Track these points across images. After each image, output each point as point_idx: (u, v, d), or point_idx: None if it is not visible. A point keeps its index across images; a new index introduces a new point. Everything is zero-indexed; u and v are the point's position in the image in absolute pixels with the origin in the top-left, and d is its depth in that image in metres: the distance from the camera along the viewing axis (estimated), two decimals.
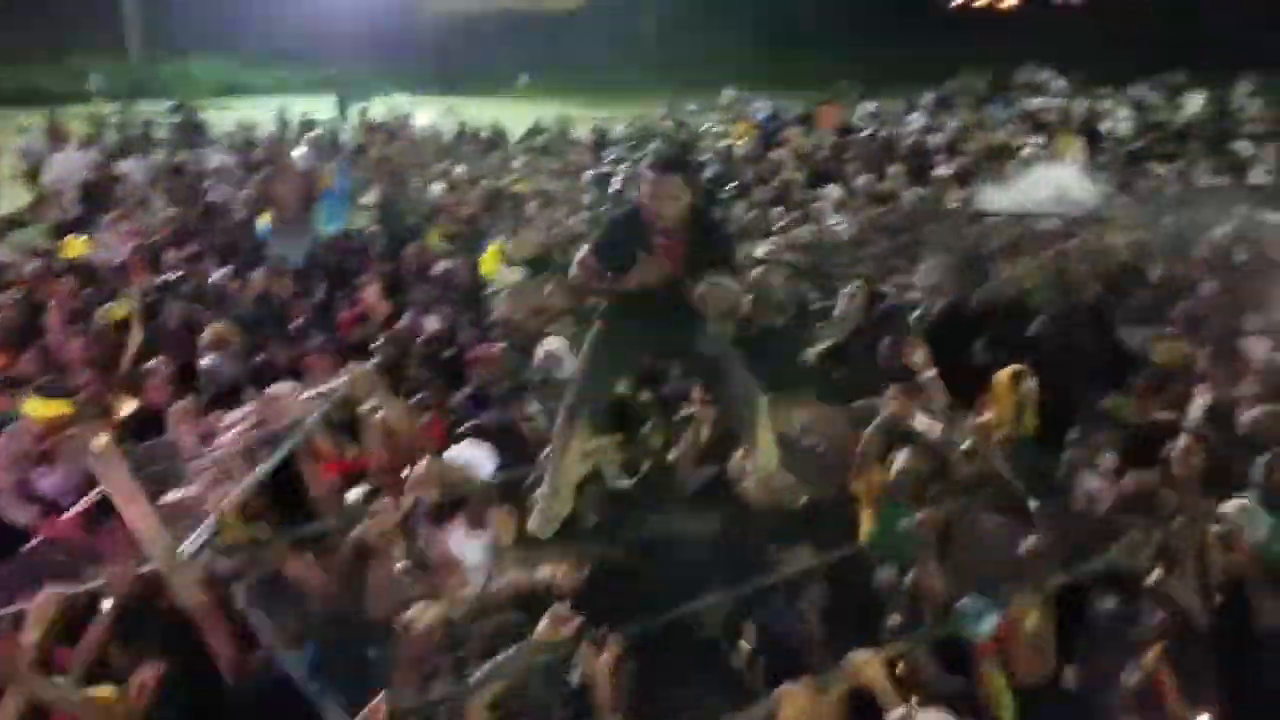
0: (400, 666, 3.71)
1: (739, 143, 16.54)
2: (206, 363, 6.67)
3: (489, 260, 9.45)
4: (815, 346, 7.16)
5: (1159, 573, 4.16)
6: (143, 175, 13.93)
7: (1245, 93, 21.34)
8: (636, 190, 4.13)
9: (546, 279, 8.16)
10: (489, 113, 20.90)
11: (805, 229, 10.31)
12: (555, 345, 6.75)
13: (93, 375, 6.71)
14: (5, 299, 8.36)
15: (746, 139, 17.07)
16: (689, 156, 4.10)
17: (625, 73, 33.82)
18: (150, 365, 6.60)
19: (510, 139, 18.49)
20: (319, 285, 9.03)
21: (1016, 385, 5.78)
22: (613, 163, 15.52)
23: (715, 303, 3.92)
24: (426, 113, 19.96)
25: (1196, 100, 21.02)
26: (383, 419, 5.40)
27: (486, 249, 9.67)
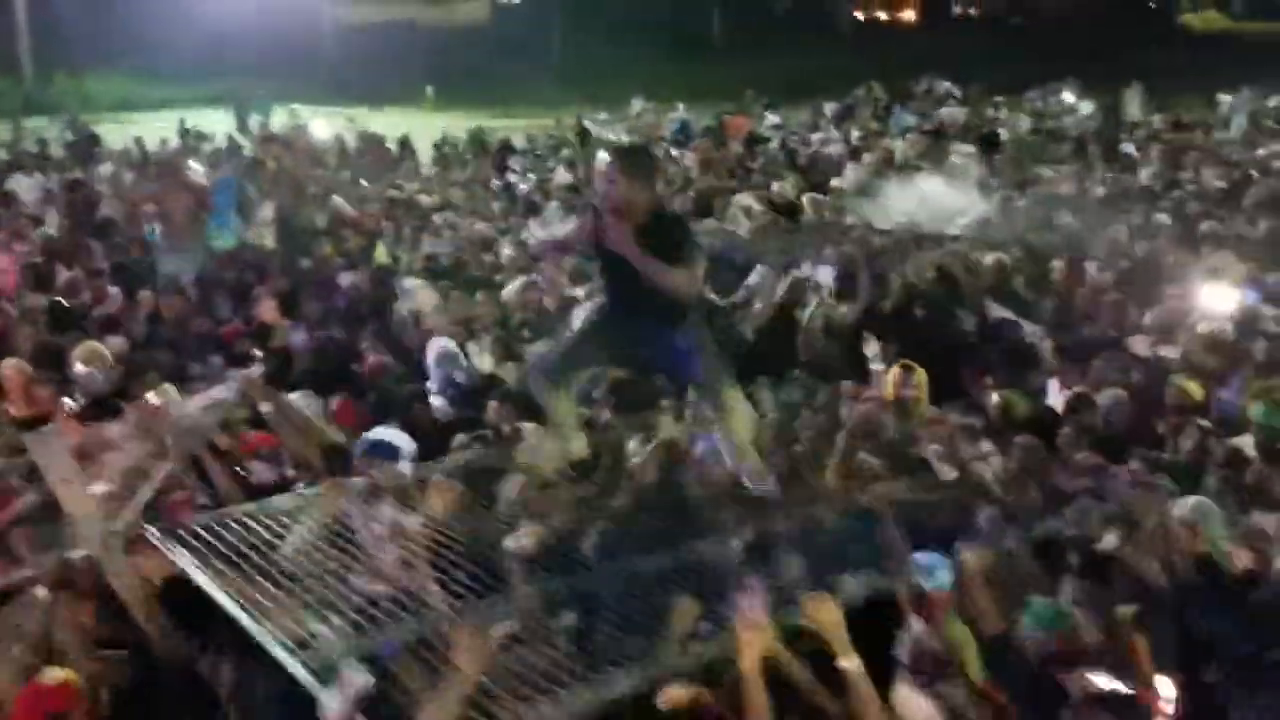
0: None
1: None
2: (79, 372, 6.46)
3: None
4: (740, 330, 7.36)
5: (1114, 539, 4.19)
6: (33, 193, 13.47)
7: (1133, 100, 22.20)
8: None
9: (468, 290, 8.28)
10: (396, 125, 20.69)
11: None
12: (446, 344, 6.87)
13: None
14: None
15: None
16: (646, 148, 4.10)
17: (533, 85, 33.78)
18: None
19: (417, 151, 18.35)
20: (215, 300, 8.82)
21: (907, 378, 6.00)
22: (520, 173, 15.52)
23: (681, 288, 4.05)
24: (329, 125, 19.68)
25: (1087, 107, 21.78)
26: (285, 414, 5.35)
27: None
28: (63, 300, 8.56)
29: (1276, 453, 5.45)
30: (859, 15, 53.61)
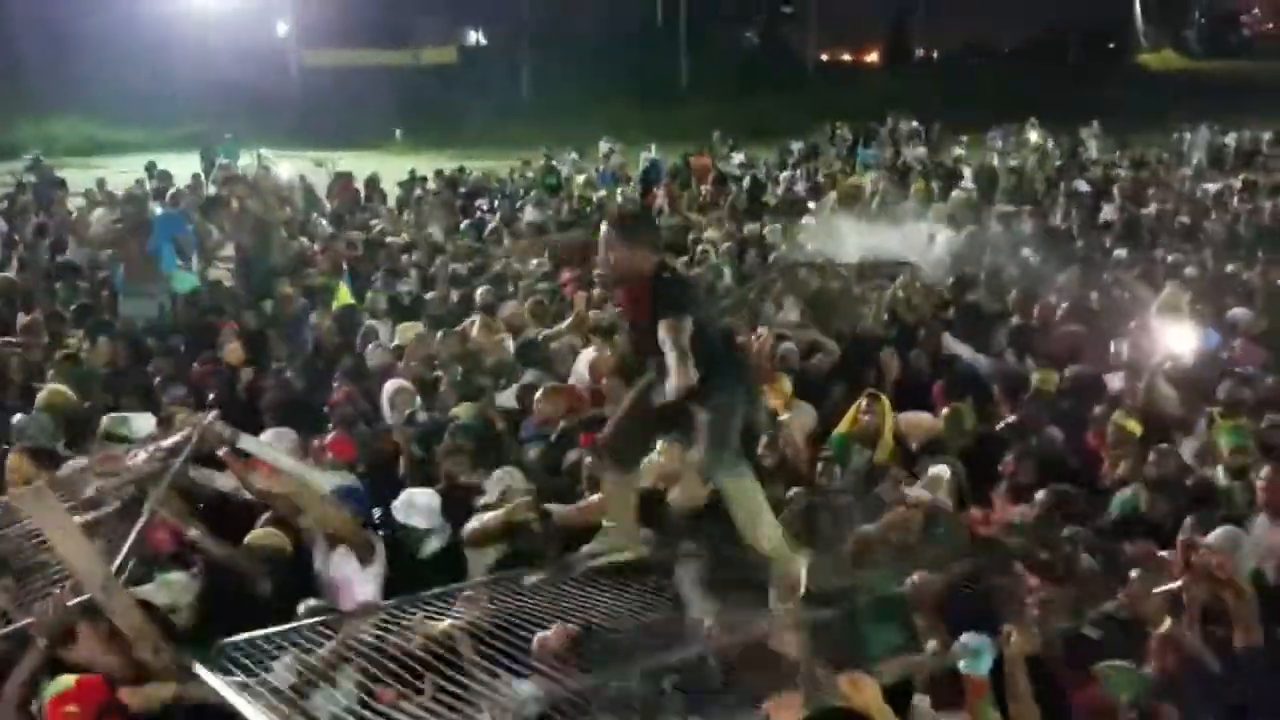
0: None
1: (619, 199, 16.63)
2: (18, 420, 6.34)
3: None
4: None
5: (1170, 623, 3.96)
6: None
7: (1090, 137, 22.61)
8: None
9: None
10: (365, 166, 20.68)
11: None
12: (401, 384, 6.91)
13: None
14: None
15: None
16: (647, 214, 3.96)
17: (501, 126, 33.95)
18: None
19: (385, 191, 18.34)
20: (174, 342, 8.71)
21: (871, 406, 6.10)
22: (489, 212, 15.54)
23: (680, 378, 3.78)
24: (297, 166, 19.62)
25: (1046, 145, 22.16)
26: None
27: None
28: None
29: (1245, 470, 5.55)
30: (823, 57, 54.36)
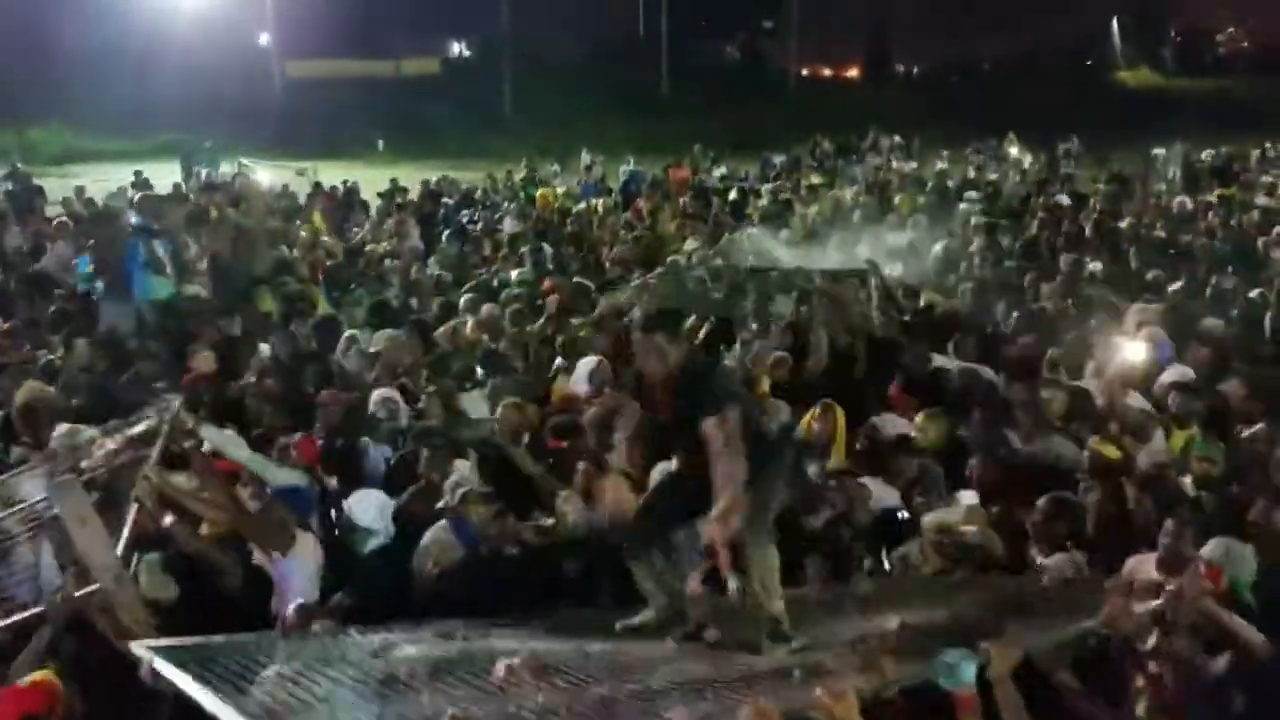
0: None
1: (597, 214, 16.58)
2: None
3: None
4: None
5: (1157, 637, 3.88)
6: None
7: (1070, 154, 22.82)
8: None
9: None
10: (346, 176, 20.64)
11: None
12: (388, 393, 6.99)
13: None
14: None
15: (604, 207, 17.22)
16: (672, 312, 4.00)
17: (483, 137, 33.98)
18: None
19: (367, 200, 18.30)
20: (155, 348, 8.64)
21: (825, 417, 6.26)
22: (469, 222, 15.54)
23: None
24: (278, 175, 19.57)
25: (1025, 160, 22.35)
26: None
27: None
28: None
29: (1215, 481, 5.58)
30: (804, 71, 54.69)
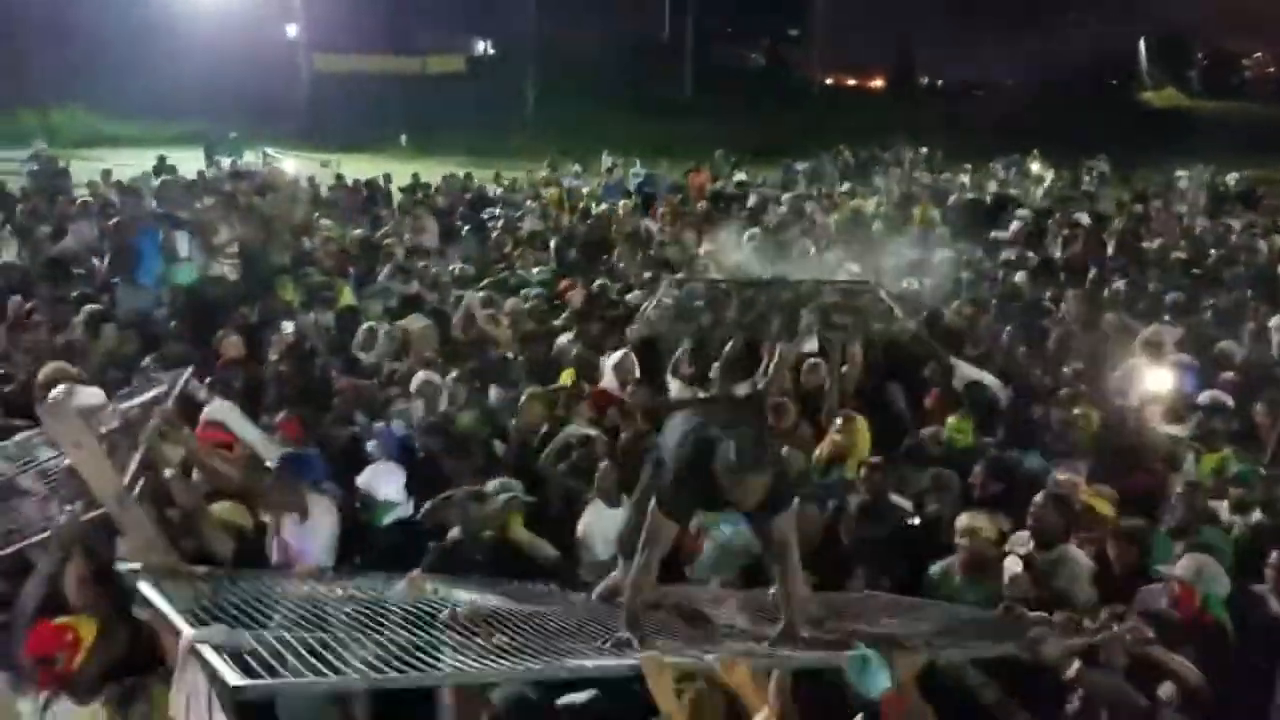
0: None
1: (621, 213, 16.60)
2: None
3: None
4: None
5: (1078, 666, 3.84)
6: None
7: (1097, 171, 22.75)
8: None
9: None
10: (369, 169, 20.73)
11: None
12: (430, 375, 7.11)
13: None
14: None
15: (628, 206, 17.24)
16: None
17: (505, 136, 34.09)
18: None
19: (390, 195, 18.40)
20: (180, 331, 8.72)
21: (847, 426, 6.26)
22: (491, 219, 15.58)
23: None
24: (302, 166, 19.68)
25: (1047, 177, 22.28)
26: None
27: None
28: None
29: (1251, 505, 5.56)
30: (827, 80, 54.68)
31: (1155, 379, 7.45)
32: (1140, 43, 62.59)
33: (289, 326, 8.32)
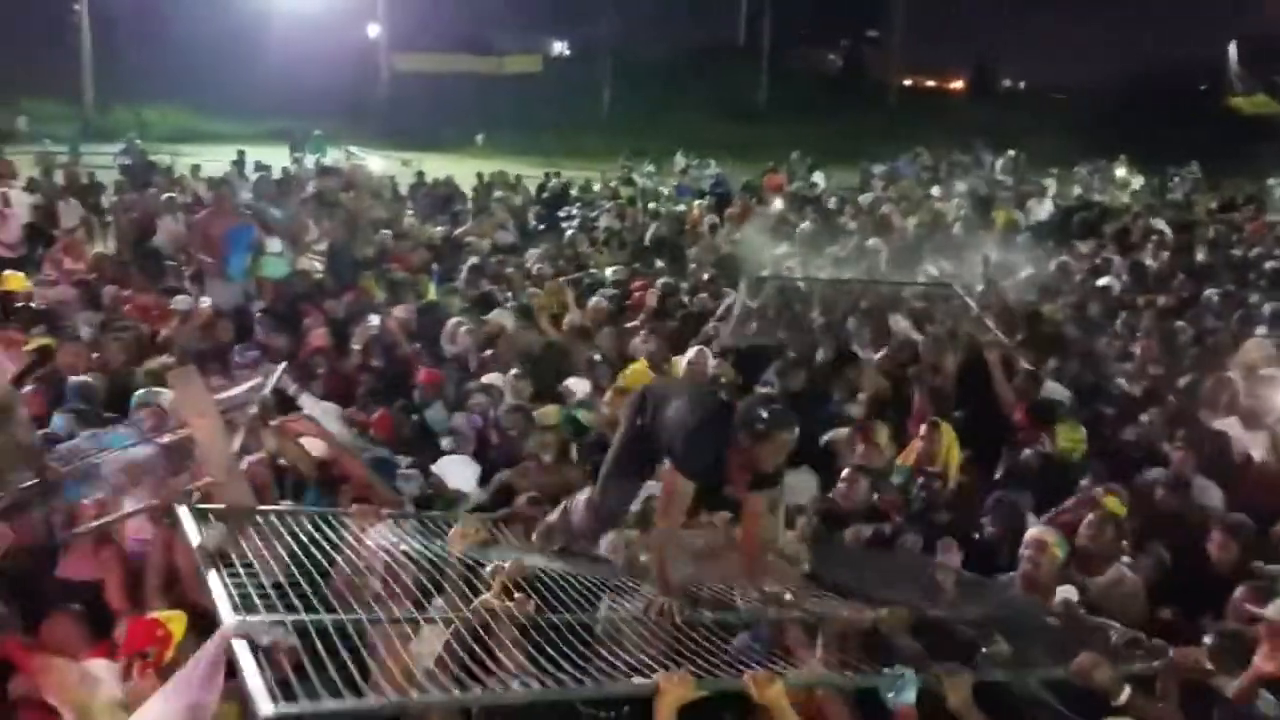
0: None
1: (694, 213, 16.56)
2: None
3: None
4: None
5: (1129, 693, 3.72)
6: (75, 217, 13.68)
7: (1186, 177, 22.16)
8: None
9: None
10: (447, 169, 20.97)
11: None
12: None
13: None
14: None
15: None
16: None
17: (581, 136, 34.26)
18: None
19: (467, 194, 18.59)
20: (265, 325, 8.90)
21: (933, 435, 6.16)
22: (567, 218, 15.69)
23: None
24: (382, 165, 19.99)
25: (1136, 182, 21.74)
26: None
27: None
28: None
29: None
30: (906, 82, 53.98)
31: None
32: (1231, 47, 60.76)
33: (374, 320, 8.44)
